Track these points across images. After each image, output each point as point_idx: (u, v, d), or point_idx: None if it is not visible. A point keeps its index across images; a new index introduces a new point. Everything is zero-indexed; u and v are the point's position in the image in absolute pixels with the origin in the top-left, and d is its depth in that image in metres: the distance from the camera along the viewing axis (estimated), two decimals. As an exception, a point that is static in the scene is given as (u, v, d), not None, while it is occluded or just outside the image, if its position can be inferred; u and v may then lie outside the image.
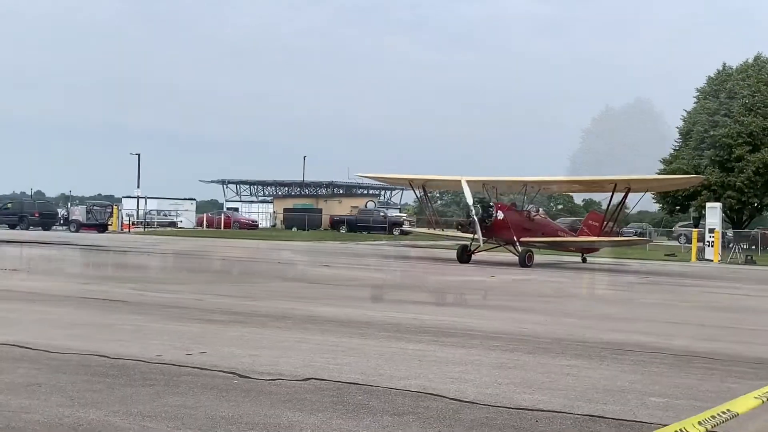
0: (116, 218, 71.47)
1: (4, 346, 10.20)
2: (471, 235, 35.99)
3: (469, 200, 36.62)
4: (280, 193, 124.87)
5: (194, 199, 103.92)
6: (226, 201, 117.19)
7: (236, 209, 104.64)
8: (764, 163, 65.58)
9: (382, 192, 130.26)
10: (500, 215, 35.04)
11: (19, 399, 7.48)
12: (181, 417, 7.07)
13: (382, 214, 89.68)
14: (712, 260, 49.67)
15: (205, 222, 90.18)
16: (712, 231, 51.17)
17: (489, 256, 36.85)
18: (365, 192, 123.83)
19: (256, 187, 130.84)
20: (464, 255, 36.11)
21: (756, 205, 71.29)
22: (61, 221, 67.03)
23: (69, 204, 76.69)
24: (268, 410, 7.42)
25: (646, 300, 21.41)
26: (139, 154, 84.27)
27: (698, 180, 34.19)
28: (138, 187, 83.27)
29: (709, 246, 50.89)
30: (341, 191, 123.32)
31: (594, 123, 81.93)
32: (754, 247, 60.42)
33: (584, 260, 40.37)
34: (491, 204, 36.12)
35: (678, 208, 75.75)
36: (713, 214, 52.42)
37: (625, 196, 37.00)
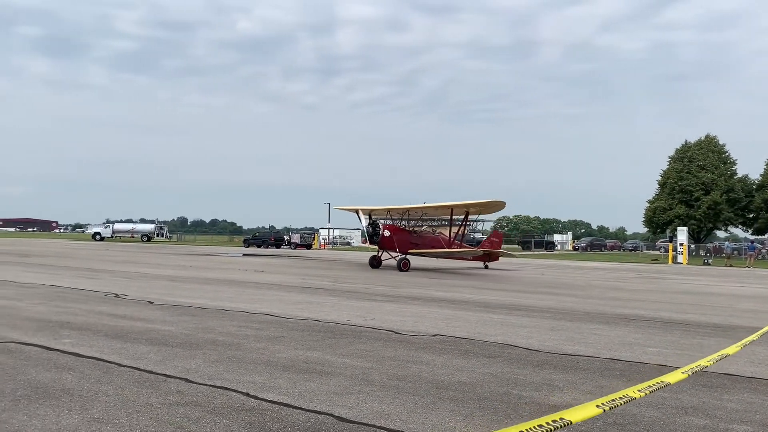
0: (317, 240, 73.06)
1: (261, 315, 10.60)
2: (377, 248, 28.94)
3: (363, 224, 30.36)
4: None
5: (360, 229, 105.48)
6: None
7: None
8: (714, 202, 65.22)
9: (472, 222, 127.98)
10: (387, 233, 28.09)
11: (272, 345, 7.78)
12: (364, 356, 7.24)
13: (471, 236, 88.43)
14: (682, 263, 47.52)
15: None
16: (681, 244, 49.42)
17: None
18: (461, 222, 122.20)
19: (395, 221, 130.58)
20: (374, 261, 29.04)
21: (709, 227, 69.73)
22: (286, 242, 68.78)
23: (290, 232, 78.54)
24: (414, 353, 7.52)
25: (640, 288, 20.62)
26: (329, 203, 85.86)
27: (502, 204, 27.34)
28: (329, 222, 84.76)
29: (680, 254, 48.90)
30: (446, 222, 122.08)
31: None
32: (709, 254, 57.94)
33: (486, 267, 31.75)
34: (379, 225, 28.91)
35: (659, 230, 73.48)
36: (682, 233, 51.07)
37: (466, 217, 29.69)
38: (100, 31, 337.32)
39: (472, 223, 33.46)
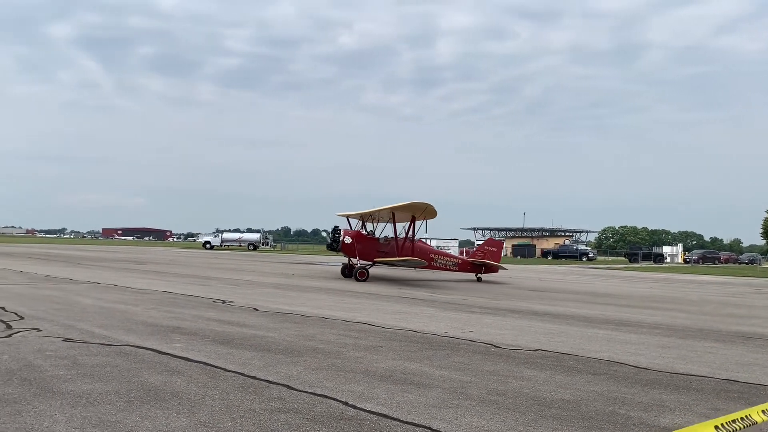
0: (413, 250, 73.27)
1: (359, 324, 10.69)
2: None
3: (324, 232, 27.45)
4: (509, 234, 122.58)
5: (457, 239, 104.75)
6: (476, 240, 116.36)
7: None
8: None
9: (575, 234, 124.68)
10: (348, 240, 25.39)
11: (371, 354, 7.82)
12: (462, 369, 7.12)
13: (575, 247, 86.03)
14: (808, 278, 43.86)
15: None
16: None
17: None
18: (563, 233, 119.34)
19: (493, 231, 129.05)
20: (345, 270, 26.35)
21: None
22: (383, 252, 69.53)
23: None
24: (514, 368, 7.33)
25: (758, 304, 19.23)
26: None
27: (433, 209, 22.38)
28: (426, 231, 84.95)
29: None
30: (547, 233, 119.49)
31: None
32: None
33: (479, 279, 27.56)
34: (339, 232, 26.01)
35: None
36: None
37: (413, 221, 25.13)
38: (210, 50, 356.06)
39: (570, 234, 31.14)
